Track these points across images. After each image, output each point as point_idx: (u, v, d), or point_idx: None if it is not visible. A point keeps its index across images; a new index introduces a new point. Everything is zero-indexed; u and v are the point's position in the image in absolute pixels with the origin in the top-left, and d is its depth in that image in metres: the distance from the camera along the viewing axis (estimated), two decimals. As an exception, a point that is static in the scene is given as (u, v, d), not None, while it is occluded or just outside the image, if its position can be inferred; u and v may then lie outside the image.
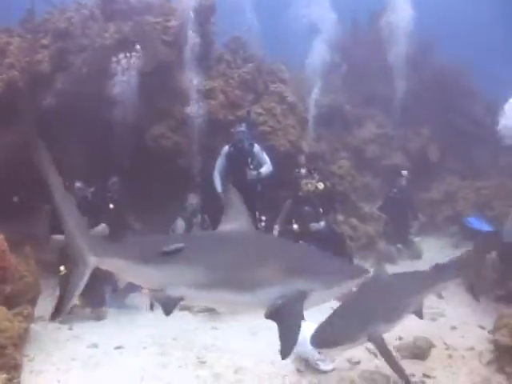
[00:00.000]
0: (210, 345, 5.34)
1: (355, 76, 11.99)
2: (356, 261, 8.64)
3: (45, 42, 8.28)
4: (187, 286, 3.24)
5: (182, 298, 3.27)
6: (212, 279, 3.21)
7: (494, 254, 6.70)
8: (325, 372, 4.64)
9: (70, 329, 5.88)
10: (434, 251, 9.42)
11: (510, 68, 13.64)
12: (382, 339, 4.18)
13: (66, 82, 7.88)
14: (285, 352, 3.06)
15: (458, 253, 8.33)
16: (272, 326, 5.66)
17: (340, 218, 9.05)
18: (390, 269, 8.40)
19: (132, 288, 6.85)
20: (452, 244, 9.49)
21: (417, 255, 9.18)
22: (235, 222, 3.59)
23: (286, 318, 3.13)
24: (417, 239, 9.59)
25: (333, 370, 4.69)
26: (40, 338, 5.44)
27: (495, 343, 4.77)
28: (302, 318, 3.14)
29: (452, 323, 5.91)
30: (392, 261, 8.95)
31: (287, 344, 3.08)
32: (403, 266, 8.70)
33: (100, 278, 6.40)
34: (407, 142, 11.37)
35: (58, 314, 3.73)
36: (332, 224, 8.15)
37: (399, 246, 9.29)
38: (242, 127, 7.35)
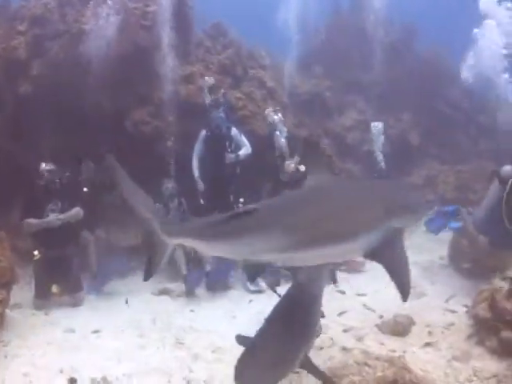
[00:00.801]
0: (188, 327, 5.27)
1: (337, 62, 11.94)
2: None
3: (21, 28, 8.08)
4: (275, 249, 3.11)
5: (271, 262, 3.18)
6: (305, 236, 3.06)
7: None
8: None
9: (46, 315, 5.77)
10: (418, 236, 9.40)
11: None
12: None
13: (43, 68, 7.69)
14: (403, 291, 2.98)
15: (441, 236, 8.36)
16: (251, 308, 5.66)
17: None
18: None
19: (110, 275, 6.83)
20: (433, 228, 9.47)
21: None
22: (316, 174, 3.45)
23: (391, 257, 3.05)
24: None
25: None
26: (16, 324, 5.35)
27: (474, 317, 4.76)
28: (406, 254, 3.07)
29: (434, 302, 5.89)
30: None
31: (403, 283, 2.99)
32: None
33: (76, 265, 6.37)
34: (388, 128, 11.33)
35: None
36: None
37: None
38: (219, 111, 7.25)
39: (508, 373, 4.01)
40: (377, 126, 9.04)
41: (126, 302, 5.96)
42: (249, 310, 5.85)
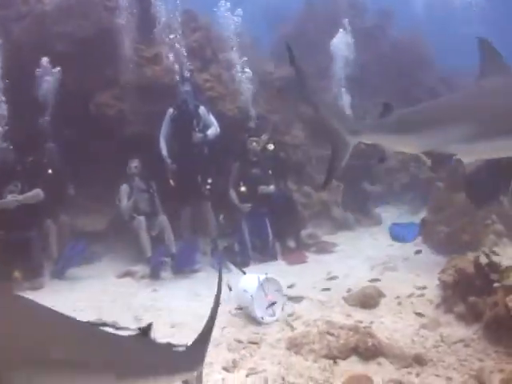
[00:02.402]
0: (149, 305, 5.09)
1: (309, 50, 11.80)
2: (310, 229, 8.51)
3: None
4: (463, 140, 3.25)
5: (453, 154, 3.37)
6: (492, 127, 3.14)
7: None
8: (266, 323, 4.42)
9: (4, 298, 5.49)
10: (392, 219, 9.33)
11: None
12: None
13: (5, 51, 7.42)
14: None
15: (415, 218, 8.30)
16: (215, 286, 5.49)
17: (293, 187, 8.86)
18: (348, 235, 8.51)
19: (73, 260, 6.59)
20: (410, 211, 9.40)
21: (376, 223, 9.07)
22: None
23: None
24: (376, 209, 9.51)
25: (275, 321, 4.48)
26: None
27: (442, 284, 4.64)
28: None
29: (405, 276, 5.77)
30: (349, 228, 8.84)
31: None
32: (361, 233, 8.64)
33: (37, 249, 6.14)
34: (363, 113, 11.24)
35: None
36: (282, 188, 8.00)
37: (359, 214, 9.17)
38: (184, 87, 7.07)
39: (475, 337, 3.89)
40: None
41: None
42: (213, 288, 5.63)
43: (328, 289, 5.40)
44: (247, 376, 3.43)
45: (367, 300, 4.86)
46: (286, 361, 3.63)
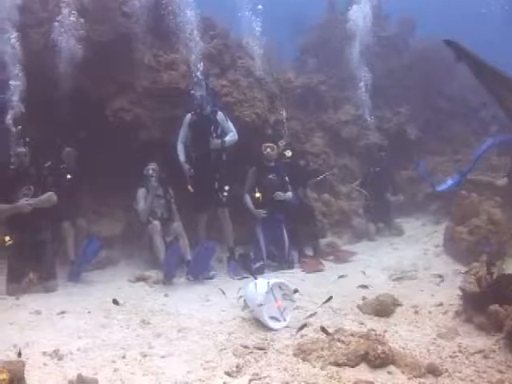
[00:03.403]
0: (159, 310, 4.99)
1: (332, 58, 11.73)
2: (329, 237, 8.35)
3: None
4: None
5: None
6: None
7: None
8: (275, 330, 4.27)
9: (17, 299, 5.49)
10: (415, 229, 9.09)
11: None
12: None
13: (25, 57, 7.56)
14: None
15: (439, 228, 8.05)
16: (227, 292, 5.40)
17: (313, 195, 8.72)
18: (368, 245, 8.30)
19: (88, 265, 6.60)
20: (433, 221, 9.11)
21: (397, 233, 8.82)
22: None
23: None
24: (398, 220, 9.27)
25: (285, 327, 4.33)
26: (-19, 306, 5.11)
27: (462, 292, 4.41)
28: None
29: (424, 285, 5.55)
30: (370, 238, 8.63)
31: None
32: (382, 243, 8.41)
33: (50, 252, 6.14)
34: (385, 123, 11.07)
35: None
36: (302, 196, 7.87)
37: (380, 224, 8.96)
38: (201, 92, 7.03)
39: (495, 347, 3.67)
40: None
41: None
42: (226, 295, 5.55)
43: (343, 296, 5.23)
44: (250, 382, 3.28)
45: (382, 308, 4.67)
46: (293, 367, 3.47)
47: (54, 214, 6.33)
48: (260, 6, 9.15)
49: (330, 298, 4.79)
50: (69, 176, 7.02)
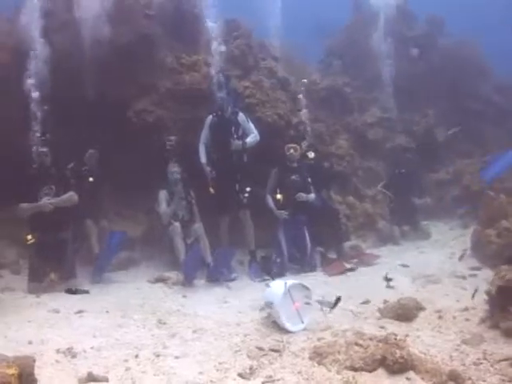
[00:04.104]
0: (176, 310, 4.96)
1: (358, 59, 11.56)
2: (353, 240, 8.18)
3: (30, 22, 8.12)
4: None
5: None
6: None
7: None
8: (292, 332, 4.17)
9: (37, 297, 5.55)
10: (442, 233, 8.82)
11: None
12: None
13: (49, 59, 7.68)
14: None
15: (466, 232, 7.80)
16: (246, 294, 5.35)
17: (338, 197, 8.57)
18: (393, 249, 8.10)
19: (109, 265, 6.63)
20: (461, 225, 8.82)
21: (423, 237, 8.58)
22: None
23: None
24: (425, 223, 9.01)
25: (303, 329, 4.22)
26: (3, 304, 5.19)
27: (489, 297, 4.22)
28: None
29: (449, 289, 5.36)
30: (394, 241, 8.42)
31: None
32: (407, 246, 8.20)
33: (71, 252, 6.20)
34: (413, 125, 10.83)
35: None
36: (325, 198, 7.75)
37: (406, 227, 8.74)
38: (223, 93, 7.00)
39: (524, 355, 3.48)
40: None
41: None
42: (243, 296, 5.50)
43: (365, 300, 5.09)
44: (263, 384, 3.20)
45: (404, 312, 4.51)
46: (307, 370, 3.37)
47: (75, 214, 6.39)
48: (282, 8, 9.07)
49: (339, 299, 4.57)
50: (91, 178, 7.08)
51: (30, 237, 5.96)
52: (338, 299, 4.43)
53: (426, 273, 5.99)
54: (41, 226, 6.00)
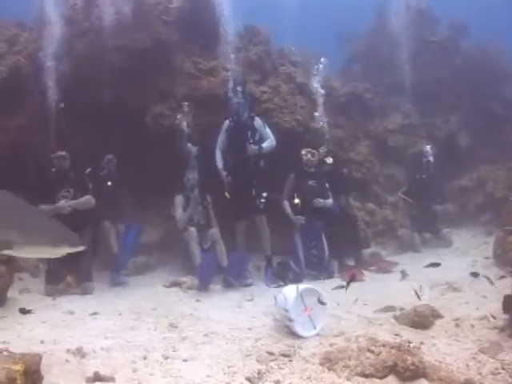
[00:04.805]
0: (189, 314, 4.93)
1: (380, 65, 11.46)
2: (373, 248, 8.05)
3: (50, 29, 8.29)
4: None
5: None
6: None
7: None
8: (304, 337, 4.10)
9: (53, 300, 5.63)
10: (464, 241, 8.62)
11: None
12: None
13: (68, 66, 7.83)
14: None
15: (489, 240, 7.60)
16: (263, 300, 5.28)
17: (357, 204, 8.46)
18: (413, 256, 7.92)
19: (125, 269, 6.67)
20: (484, 232, 8.61)
21: (445, 244, 8.39)
22: None
23: None
24: (447, 230, 8.81)
25: (314, 335, 4.15)
26: (18, 304, 5.24)
27: (506, 300, 4.08)
28: None
29: (470, 298, 5.20)
30: (415, 248, 8.26)
31: None
32: (427, 254, 8.02)
33: (88, 255, 6.23)
34: (435, 130, 10.64)
35: None
36: (343, 204, 7.66)
37: (427, 235, 8.56)
38: (239, 98, 6.99)
39: (545, 366, 3.34)
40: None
41: None
42: (258, 302, 5.45)
43: (381, 307, 4.98)
44: (270, 388, 3.14)
45: (420, 320, 4.38)
46: (317, 376, 3.29)
47: (93, 218, 6.46)
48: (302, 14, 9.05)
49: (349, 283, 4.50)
50: (109, 183, 7.16)
51: None
52: (348, 284, 4.63)
53: (445, 280, 5.84)
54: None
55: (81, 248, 3.61)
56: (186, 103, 7.24)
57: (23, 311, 4.92)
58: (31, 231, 3.30)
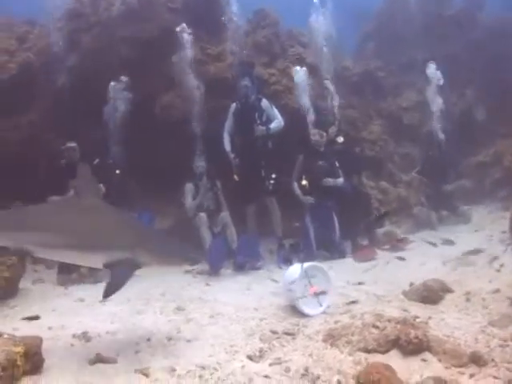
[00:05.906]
0: (197, 297, 4.94)
1: (393, 42, 11.20)
2: (387, 226, 7.94)
3: (59, 25, 8.36)
4: None
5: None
6: None
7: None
8: (310, 316, 4.06)
9: (66, 289, 5.71)
10: (481, 217, 8.42)
11: None
12: None
13: (77, 60, 7.87)
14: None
15: (506, 215, 7.39)
16: (271, 283, 5.22)
17: (370, 183, 8.33)
18: (429, 234, 7.78)
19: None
20: (501, 208, 8.37)
21: (463, 221, 8.20)
22: None
23: None
24: (466, 208, 8.61)
25: (320, 313, 4.11)
26: (31, 294, 5.36)
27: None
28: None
29: (482, 272, 5.07)
30: (432, 226, 8.10)
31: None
32: (444, 232, 7.86)
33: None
34: (450, 106, 10.36)
35: None
36: (356, 183, 7.55)
37: (444, 212, 8.39)
38: (246, 81, 6.92)
39: (556, 338, 3.23)
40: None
41: None
42: (268, 283, 5.43)
43: (390, 283, 4.92)
44: (270, 365, 3.12)
45: (429, 295, 4.31)
46: (319, 353, 3.27)
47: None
48: None
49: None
50: (117, 171, 7.18)
51: None
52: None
53: (458, 255, 5.72)
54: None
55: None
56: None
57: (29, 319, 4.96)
58: (160, 252, 3.41)
